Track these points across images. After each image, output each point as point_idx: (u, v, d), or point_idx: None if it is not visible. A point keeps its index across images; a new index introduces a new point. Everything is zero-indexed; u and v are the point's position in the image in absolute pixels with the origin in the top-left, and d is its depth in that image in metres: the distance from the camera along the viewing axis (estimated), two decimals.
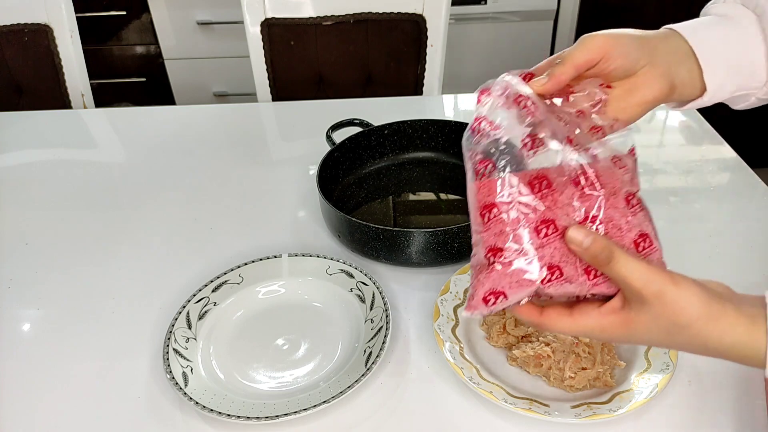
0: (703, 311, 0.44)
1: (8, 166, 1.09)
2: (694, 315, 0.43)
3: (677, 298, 0.44)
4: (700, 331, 0.44)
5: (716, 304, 0.44)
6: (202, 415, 0.61)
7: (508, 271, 0.45)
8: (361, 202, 0.92)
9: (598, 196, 0.45)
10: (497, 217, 0.45)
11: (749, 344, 0.43)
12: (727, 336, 0.44)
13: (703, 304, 0.44)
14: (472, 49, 2.15)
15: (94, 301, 0.77)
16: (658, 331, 0.45)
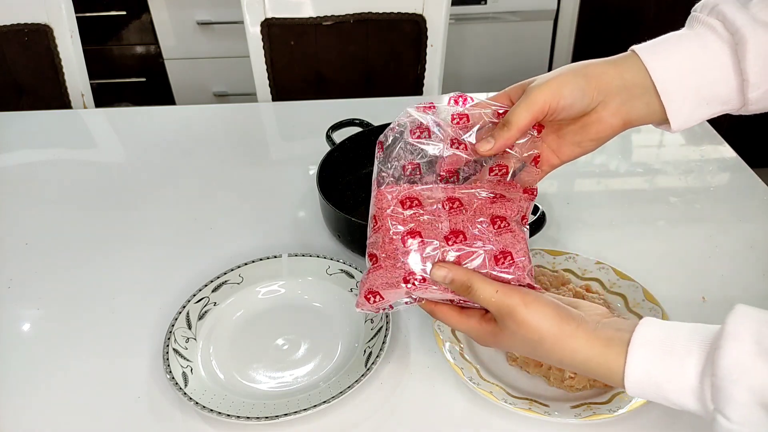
0: (552, 330, 0.48)
1: (8, 166, 1.09)
2: (544, 333, 0.48)
3: (527, 318, 0.48)
4: (552, 346, 0.48)
5: (567, 326, 0.48)
6: (202, 415, 0.61)
7: (379, 273, 0.52)
8: (361, 202, 0.92)
9: (462, 219, 0.52)
10: (379, 225, 0.52)
11: (603, 365, 0.47)
12: (579, 354, 0.47)
13: (552, 324, 0.48)
14: (472, 49, 2.15)
15: (94, 301, 0.77)
16: (521, 343, 0.50)
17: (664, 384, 0.44)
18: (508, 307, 0.49)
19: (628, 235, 0.83)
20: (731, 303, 0.70)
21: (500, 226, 0.51)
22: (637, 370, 0.45)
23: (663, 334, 0.45)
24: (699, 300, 0.72)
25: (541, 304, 0.49)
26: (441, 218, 0.51)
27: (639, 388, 0.46)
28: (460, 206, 0.52)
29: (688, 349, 0.44)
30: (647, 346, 0.45)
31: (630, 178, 0.95)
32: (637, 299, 0.69)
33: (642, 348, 0.45)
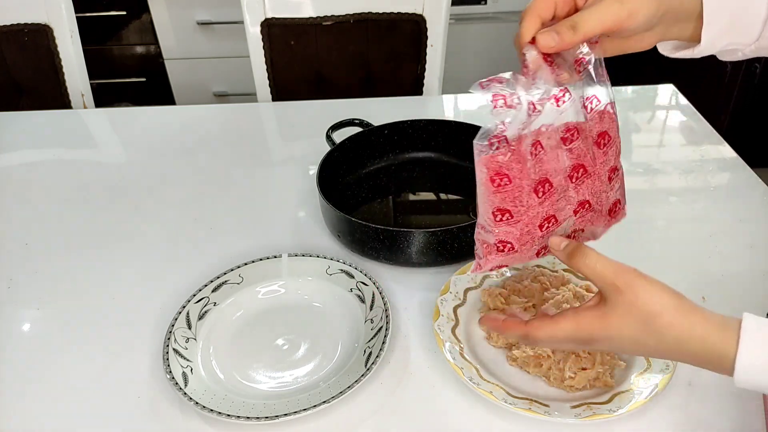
0: (674, 302, 0.46)
1: (8, 166, 1.09)
2: (666, 304, 0.46)
3: (649, 288, 0.47)
4: (672, 320, 0.46)
5: (687, 301, 0.47)
6: (202, 415, 0.61)
7: (514, 227, 0.51)
8: (361, 202, 0.92)
9: (587, 187, 0.53)
10: (516, 220, 0.51)
11: (719, 344, 0.45)
12: (698, 328, 0.45)
13: (673, 296, 0.47)
14: (472, 49, 2.15)
15: (94, 301, 0.77)
16: (633, 322, 0.47)
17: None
18: (626, 274, 0.47)
19: (627, 235, 0.83)
20: (731, 303, 0.70)
21: (610, 177, 0.53)
22: (752, 354, 0.44)
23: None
24: (699, 300, 0.72)
25: (656, 280, 0.48)
26: (569, 192, 0.52)
27: (751, 373, 0.44)
28: (585, 173, 0.52)
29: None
30: (763, 329, 0.44)
31: (630, 178, 0.95)
32: None
33: (758, 332, 0.44)
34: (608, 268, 0.48)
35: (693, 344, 0.46)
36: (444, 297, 0.70)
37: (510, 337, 0.55)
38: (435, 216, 0.91)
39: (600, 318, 0.49)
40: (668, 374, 0.60)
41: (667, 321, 0.46)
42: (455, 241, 0.75)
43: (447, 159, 0.98)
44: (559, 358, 0.62)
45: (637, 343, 0.48)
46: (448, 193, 0.94)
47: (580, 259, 0.49)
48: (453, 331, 0.67)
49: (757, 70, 1.79)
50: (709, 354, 0.46)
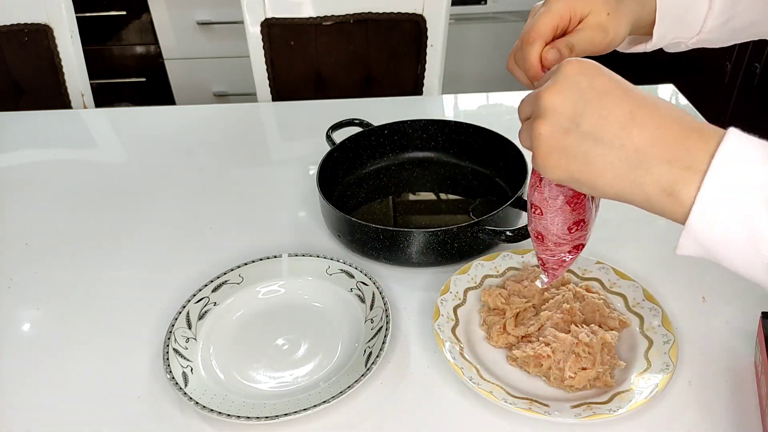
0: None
1: (8, 166, 1.09)
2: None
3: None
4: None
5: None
6: (202, 415, 0.61)
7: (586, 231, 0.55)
8: (361, 202, 0.92)
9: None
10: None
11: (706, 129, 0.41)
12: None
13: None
14: (472, 49, 2.15)
15: (94, 301, 0.77)
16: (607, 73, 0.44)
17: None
18: None
19: (628, 235, 0.83)
20: (731, 303, 0.70)
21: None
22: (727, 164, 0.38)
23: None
24: (699, 300, 0.72)
25: None
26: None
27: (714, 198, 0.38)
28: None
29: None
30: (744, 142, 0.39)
31: None
32: (637, 299, 0.69)
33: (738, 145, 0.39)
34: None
35: (674, 112, 0.42)
36: (444, 297, 0.70)
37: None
38: (435, 216, 0.91)
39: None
40: (668, 374, 0.60)
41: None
42: (455, 241, 0.75)
43: (447, 159, 0.98)
44: (559, 358, 0.62)
45: (625, 84, 0.43)
46: (448, 193, 0.94)
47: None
48: (453, 331, 0.67)
49: (757, 70, 1.79)
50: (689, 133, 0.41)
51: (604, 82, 0.42)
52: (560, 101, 0.43)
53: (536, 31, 0.52)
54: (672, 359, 0.61)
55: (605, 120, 0.42)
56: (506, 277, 0.75)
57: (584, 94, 0.42)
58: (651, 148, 0.41)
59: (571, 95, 0.43)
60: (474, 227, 0.74)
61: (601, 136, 0.42)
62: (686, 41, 0.62)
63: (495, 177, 0.94)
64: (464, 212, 0.89)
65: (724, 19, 0.60)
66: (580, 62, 0.43)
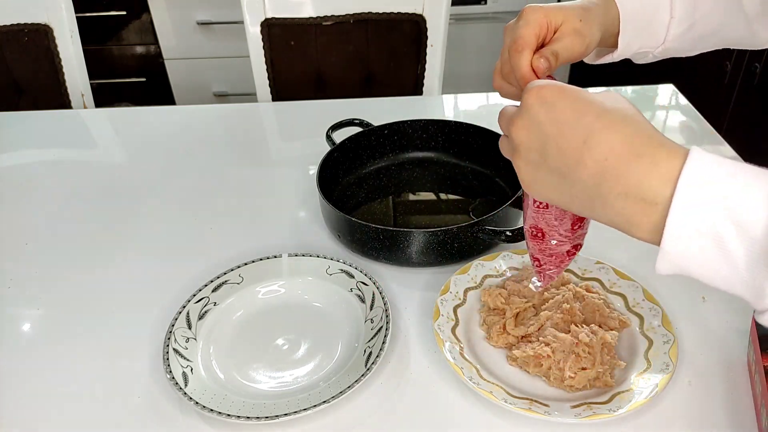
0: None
1: (8, 166, 1.09)
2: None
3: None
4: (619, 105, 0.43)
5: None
6: (202, 415, 0.61)
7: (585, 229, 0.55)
8: (361, 202, 0.92)
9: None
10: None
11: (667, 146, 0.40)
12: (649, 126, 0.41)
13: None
14: (472, 49, 2.15)
15: (94, 301, 0.77)
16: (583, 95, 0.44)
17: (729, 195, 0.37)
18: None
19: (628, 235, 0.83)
20: (731, 303, 0.70)
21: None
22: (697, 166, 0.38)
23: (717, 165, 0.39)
24: (699, 300, 0.72)
25: None
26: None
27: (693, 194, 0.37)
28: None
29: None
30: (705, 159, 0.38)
31: None
32: (637, 299, 0.69)
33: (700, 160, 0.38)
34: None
35: (639, 128, 0.41)
36: (444, 297, 0.70)
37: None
38: (435, 216, 0.91)
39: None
40: (668, 374, 0.60)
41: (622, 99, 0.43)
42: (455, 241, 0.75)
43: (447, 159, 0.98)
44: (559, 358, 0.62)
45: (579, 108, 0.42)
46: (448, 193, 0.94)
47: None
48: (453, 331, 0.67)
49: (757, 69, 1.79)
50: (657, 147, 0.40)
51: (560, 110, 0.43)
52: (525, 136, 0.44)
53: (523, 40, 0.53)
54: (672, 359, 0.61)
55: (563, 154, 0.42)
56: (506, 277, 0.75)
57: (544, 128, 0.43)
58: (604, 183, 0.41)
59: (534, 130, 0.44)
60: (474, 227, 0.74)
61: (563, 172, 0.43)
62: (653, 51, 0.63)
63: (495, 177, 0.94)
64: (464, 212, 0.89)
65: (686, 27, 0.62)
66: (540, 89, 0.44)
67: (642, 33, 0.61)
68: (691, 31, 0.63)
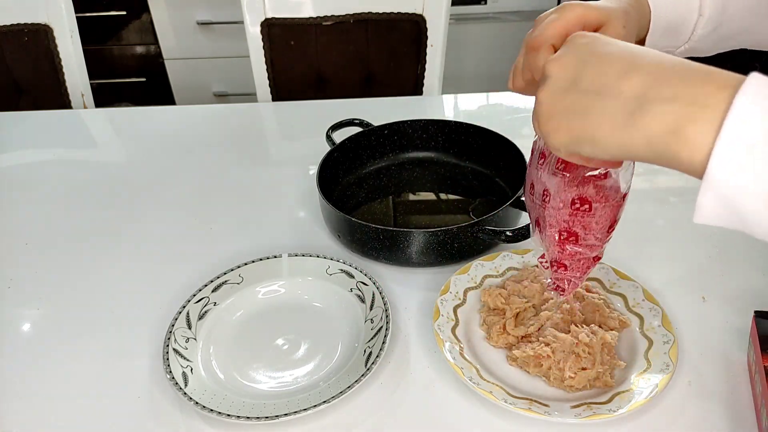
0: None
1: (8, 166, 1.09)
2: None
3: None
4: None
5: None
6: (202, 415, 0.61)
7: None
8: (361, 202, 0.92)
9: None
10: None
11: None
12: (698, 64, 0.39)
13: None
14: (472, 49, 2.15)
15: (94, 301, 0.77)
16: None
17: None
18: None
19: (628, 235, 0.83)
20: (731, 303, 0.70)
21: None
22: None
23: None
24: (699, 300, 0.72)
25: None
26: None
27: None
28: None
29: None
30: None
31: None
32: (637, 299, 0.69)
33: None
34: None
35: (681, 60, 0.39)
36: (444, 297, 0.70)
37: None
38: (435, 216, 0.91)
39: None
40: (668, 374, 0.60)
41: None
42: (455, 241, 0.75)
43: (447, 159, 0.98)
44: (559, 358, 0.62)
45: (625, 43, 0.43)
46: (448, 193, 0.94)
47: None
48: (453, 331, 0.67)
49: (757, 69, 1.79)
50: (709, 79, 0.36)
51: (605, 44, 0.43)
52: (560, 66, 0.44)
53: (543, 37, 0.50)
54: (672, 359, 0.61)
55: (604, 75, 0.41)
56: (506, 277, 0.75)
57: (584, 57, 0.43)
58: (650, 89, 0.38)
59: (571, 59, 0.43)
60: (474, 227, 0.74)
61: (599, 90, 0.41)
62: (674, 50, 0.63)
63: (495, 177, 0.94)
64: (464, 212, 0.89)
65: (713, 27, 0.61)
66: (586, 33, 0.45)
67: (669, 32, 0.60)
68: (717, 31, 0.61)
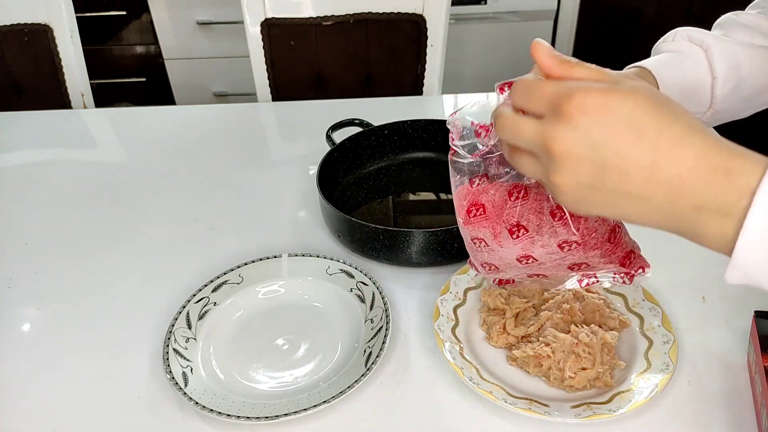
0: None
1: (8, 166, 1.09)
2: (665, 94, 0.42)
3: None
4: (676, 107, 0.40)
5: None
6: (202, 415, 0.61)
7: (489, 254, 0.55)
8: (361, 202, 0.92)
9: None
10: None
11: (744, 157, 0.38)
12: (716, 136, 0.39)
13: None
14: (472, 49, 2.15)
15: (94, 301, 0.77)
16: (642, 94, 0.40)
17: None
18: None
19: None
20: (731, 303, 0.70)
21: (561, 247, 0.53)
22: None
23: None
24: (699, 300, 0.72)
25: None
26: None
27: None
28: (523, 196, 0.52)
29: None
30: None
31: None
32: (637, 299, 0.69)
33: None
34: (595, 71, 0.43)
35: (707, 138, 0.39)
36: (444, 297, 0.70)
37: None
38: (435, 216, 0.91)
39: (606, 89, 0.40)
40: (668, 374, 0.60)
41: (666, 99, 0.40)
42: (455, 241, 0.75)
43: (447, 159, 0.98)
44: (559, 358, 0.62)
45: (636, 125, 0.39)
46: (448, 193, 0.94)
47: (569, 67, 0.44)
48: (453, 331, 0.67)
49: None
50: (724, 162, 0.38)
51: (616, 129, 0.39)
52: (575, 161, 0.40)
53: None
54: (672, 359, 0.61)
55: (628, 175, 0.39)
56: None
57: (600, 149, 0.39)
58: (678, 198, 0.39)
59: (585, 151, 0.39)
60: None
61: (628, 190, 0.40)
62: (701, 117, 0.63)
63: None
64: None
65: (732, 86, 0.61)
66: (584, 97, 0.39)
67: (686, 100, 0.60)
68: (738, 90, 0.61)
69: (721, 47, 0.61)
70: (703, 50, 0.61)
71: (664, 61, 0.61)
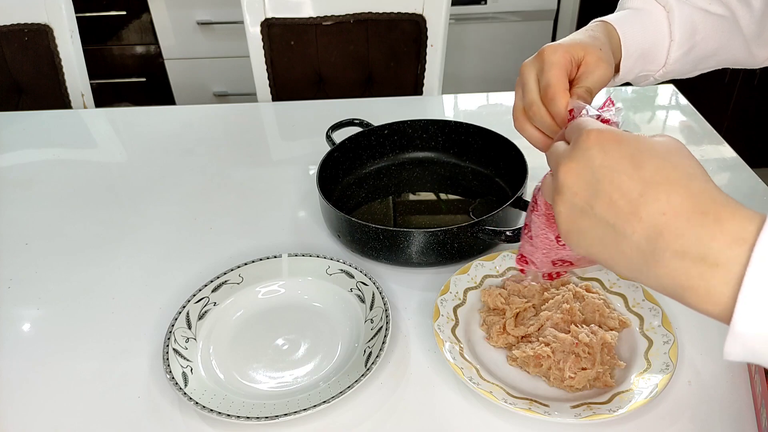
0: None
1: (8, 166, 1.09)
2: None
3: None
4: (690, 160, 0.39)
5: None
6: (202, 415, 0.61)
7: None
8: (361, 202, 0.92)
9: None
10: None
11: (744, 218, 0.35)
12: (716, 189, 0.37)
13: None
14: (472, 49, 2.15)
15: (94, 301, 0.77)
16: (642, 143, 0.39)
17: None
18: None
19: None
20: None
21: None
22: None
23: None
24: None
25: None
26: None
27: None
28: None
29: None
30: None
31: None
32: (637, 299, 0.69)
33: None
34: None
35: (705, 185, 0.37)
36: (444, 297, 0.70)
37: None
38: (435, 216, 0.91)
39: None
40: (668, 374, 0.60)
41: (686, 154, 0.39)
42: (455, 241, 0.75)
43: (447, 159, 0.98)
44: (559, 358, 0.62)
45: (639, 158, 0.38)
46: (448, 193, 0.94)
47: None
48: (453, 331, 0.67)
49: (757, 70, 1.79)
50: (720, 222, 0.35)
51: (618, 158, 0.39)
52: (574, 180, 0.40)
53: (555, 87, 0.53)
54: (672, 359, 0.61)
55: (615, 205, 0.38)
56: (506, 277, 0.75)
57: (597, 173, 0.39)
58: (660, 238, 0.36)
59: (585, 174, 0.40)
60: (474, 227, 0.74)
61: (613, 223, 0.38)
62: (653, 74, 0.65)
63: (495, 177, 0.94)
64: (464, 212, 0.89)
65: (686, 49, 0.63)
66: (600, 134, 0.40)
67: (643, 57, 0.63)
68: (691, 53, 0.64)
69: (681, 11, 0.62)
70: (666, 12, 0.63)
71: (628, 17, 0.63)
